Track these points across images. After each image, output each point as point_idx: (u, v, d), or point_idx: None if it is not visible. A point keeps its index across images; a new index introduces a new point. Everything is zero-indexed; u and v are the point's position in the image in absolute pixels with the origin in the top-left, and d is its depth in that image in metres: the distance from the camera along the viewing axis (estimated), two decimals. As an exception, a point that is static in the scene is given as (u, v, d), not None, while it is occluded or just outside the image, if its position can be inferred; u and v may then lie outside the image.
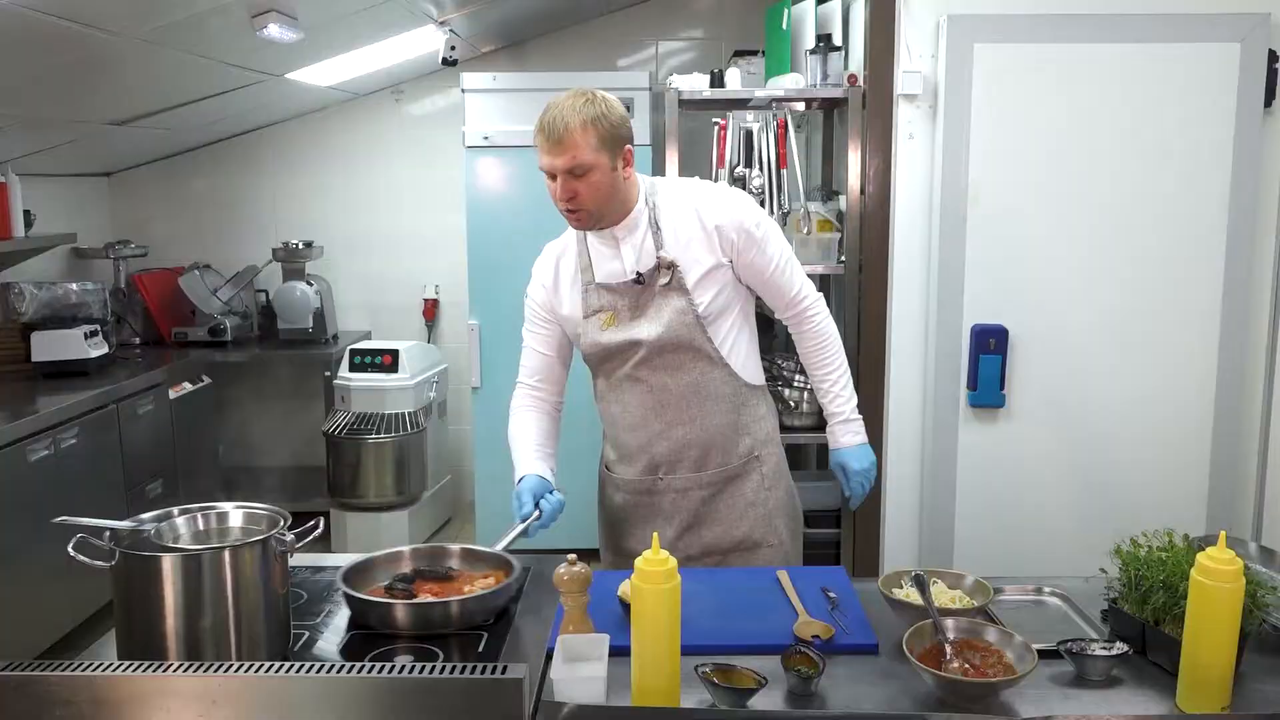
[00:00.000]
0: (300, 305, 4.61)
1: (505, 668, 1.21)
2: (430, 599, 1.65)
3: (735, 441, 2.10)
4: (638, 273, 2.00)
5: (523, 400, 2.15)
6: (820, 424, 3.37)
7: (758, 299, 2.15)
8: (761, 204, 3.37)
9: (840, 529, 3.42)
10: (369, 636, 1.60)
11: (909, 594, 1.64)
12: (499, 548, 1.82)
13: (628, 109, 1.99)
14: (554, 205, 1.97)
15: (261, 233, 4.90)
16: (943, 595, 1.65)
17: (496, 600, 1.66)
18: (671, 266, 1.98)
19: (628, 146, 1.95)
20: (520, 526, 1.89)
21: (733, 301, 2.06)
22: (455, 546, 1.83)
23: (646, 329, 2.00)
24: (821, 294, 2.17)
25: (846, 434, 2.16)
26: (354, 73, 4.20)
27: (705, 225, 1.99)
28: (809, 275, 3.40)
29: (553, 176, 1.92)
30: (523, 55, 4.74)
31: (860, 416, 2.17)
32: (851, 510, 2.23)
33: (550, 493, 1.97)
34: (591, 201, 1.93)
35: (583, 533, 2.31)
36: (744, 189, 3.47)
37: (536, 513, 1.92)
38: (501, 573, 1.74)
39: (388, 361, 4.36)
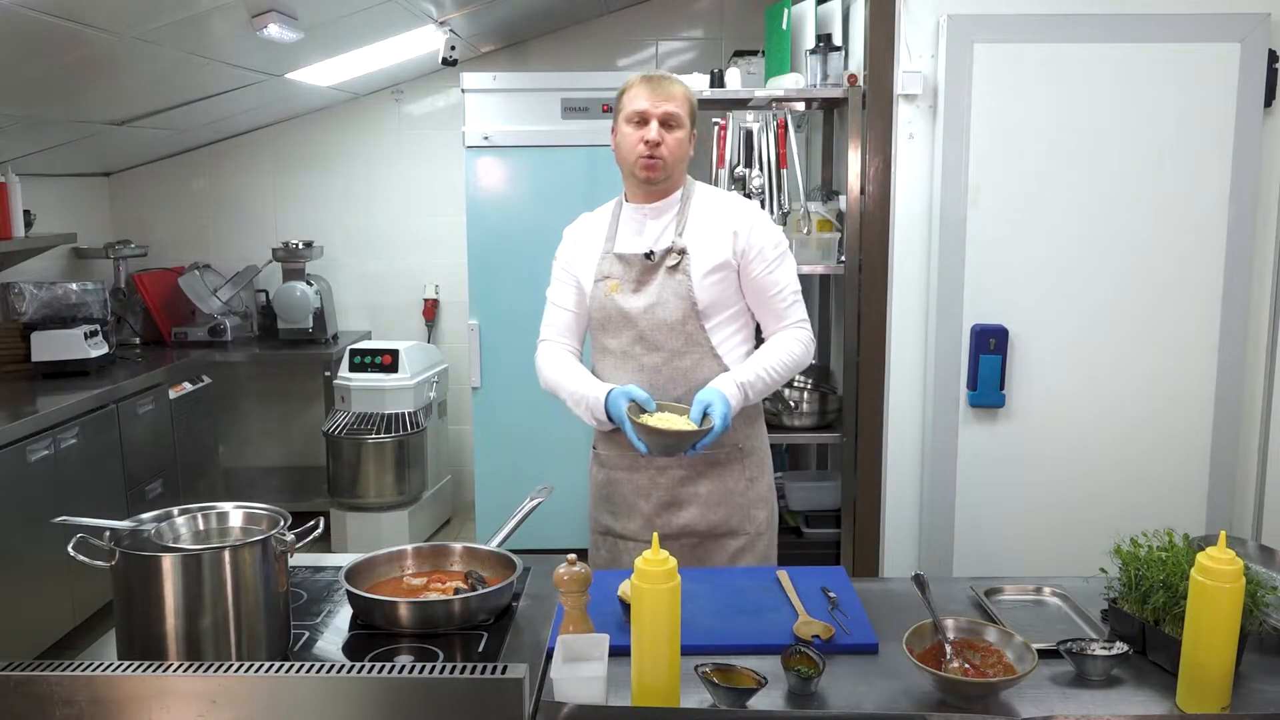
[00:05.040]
0: (300, 305, 4.61)
1: (505, 668, 1.21)
2: (435, 597, 1.65)
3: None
4: (650, 250, 2.13)
5: (553, 350, 2.24)
6: (820, 424, 3.41)
7: None
8: (762, 204, 3.37)
9: (840, 529, 3.42)
10: (369, 636, 1.59)
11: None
12: (495, 544, 1.82)
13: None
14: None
15: (261, 233, 4.91)
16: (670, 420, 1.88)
17: (499, 599, 1.66)
18: (682, 252, 2.11)
19: (694, 131, 2.15)
20: (515, 521, 1.89)
21: (733, 301, 2.16)
22: (458, 545, 1.83)
23: (641, 301, 2.12)
24: (814, 338, 2.21)
25: (729, 382, 2.05)
26: (354, 73, 4.20)
27: (725, 225, 2.13)
28: (808, 275, 3.39)
29: (643, 122, 2.07)
30: (523, 55, 4.74)
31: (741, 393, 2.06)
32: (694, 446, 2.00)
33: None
34: (670, 156, 2.09)
35: (582, 532, 2.31)
36: (744, 189, 3.47)
37: (532, 504, 1.92)
38: (506, 570, 1.74)
39: (388, 361, 4.36)
